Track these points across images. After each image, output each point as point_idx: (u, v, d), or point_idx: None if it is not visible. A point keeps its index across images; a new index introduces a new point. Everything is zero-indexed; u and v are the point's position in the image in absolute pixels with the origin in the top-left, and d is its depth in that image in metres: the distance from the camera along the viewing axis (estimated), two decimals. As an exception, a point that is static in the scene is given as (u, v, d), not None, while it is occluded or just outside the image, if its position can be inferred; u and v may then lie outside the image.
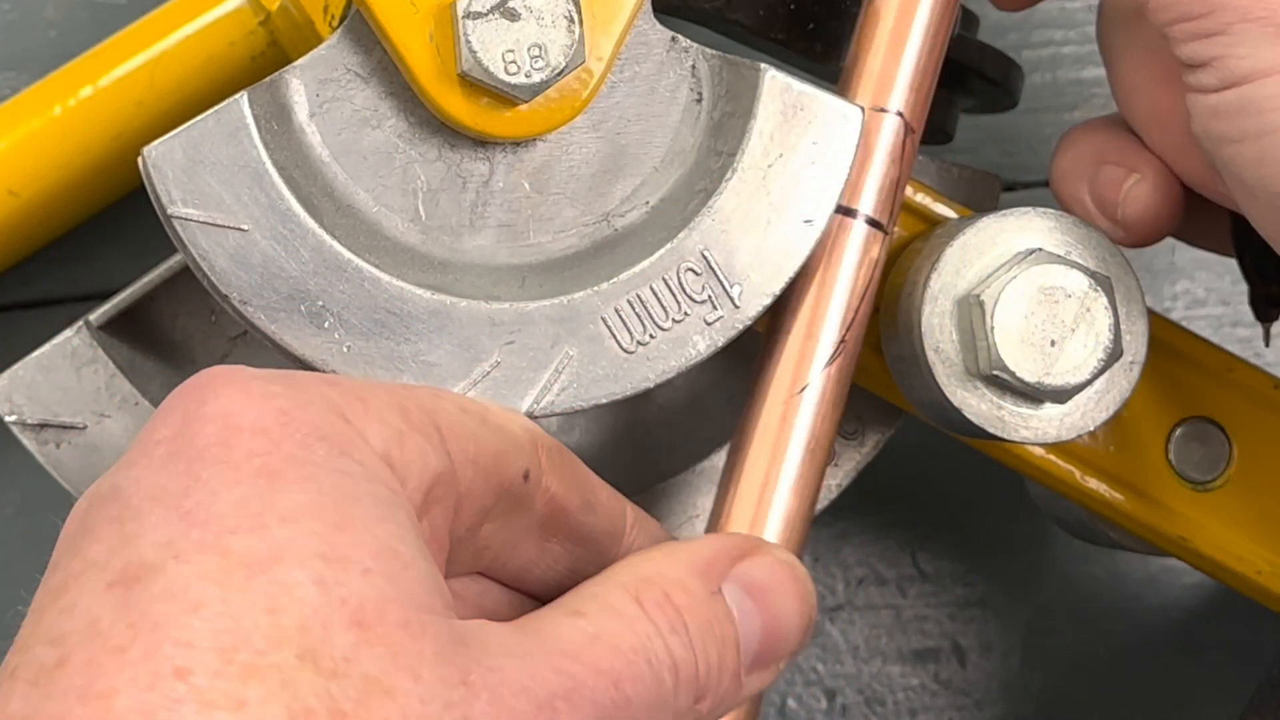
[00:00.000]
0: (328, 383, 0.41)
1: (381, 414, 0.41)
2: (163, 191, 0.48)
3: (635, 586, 0.43)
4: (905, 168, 0.52)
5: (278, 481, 0.38)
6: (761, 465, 0.50)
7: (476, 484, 0.43)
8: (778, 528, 0.50)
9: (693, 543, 0.46)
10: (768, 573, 0.46)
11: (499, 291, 0.50)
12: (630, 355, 0.49)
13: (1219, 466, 0.58)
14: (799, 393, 0.50)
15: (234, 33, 0.60)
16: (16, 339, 0.63)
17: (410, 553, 0.39)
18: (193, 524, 0.37)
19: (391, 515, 0.39)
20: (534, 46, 0.48)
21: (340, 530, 0.38)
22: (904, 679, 0.71)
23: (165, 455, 0.39)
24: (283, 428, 0.39)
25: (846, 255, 0.51)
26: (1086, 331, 0.51)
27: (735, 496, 0.50)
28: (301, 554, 0.37)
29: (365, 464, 0.40)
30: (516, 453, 0.44)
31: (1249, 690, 0.59)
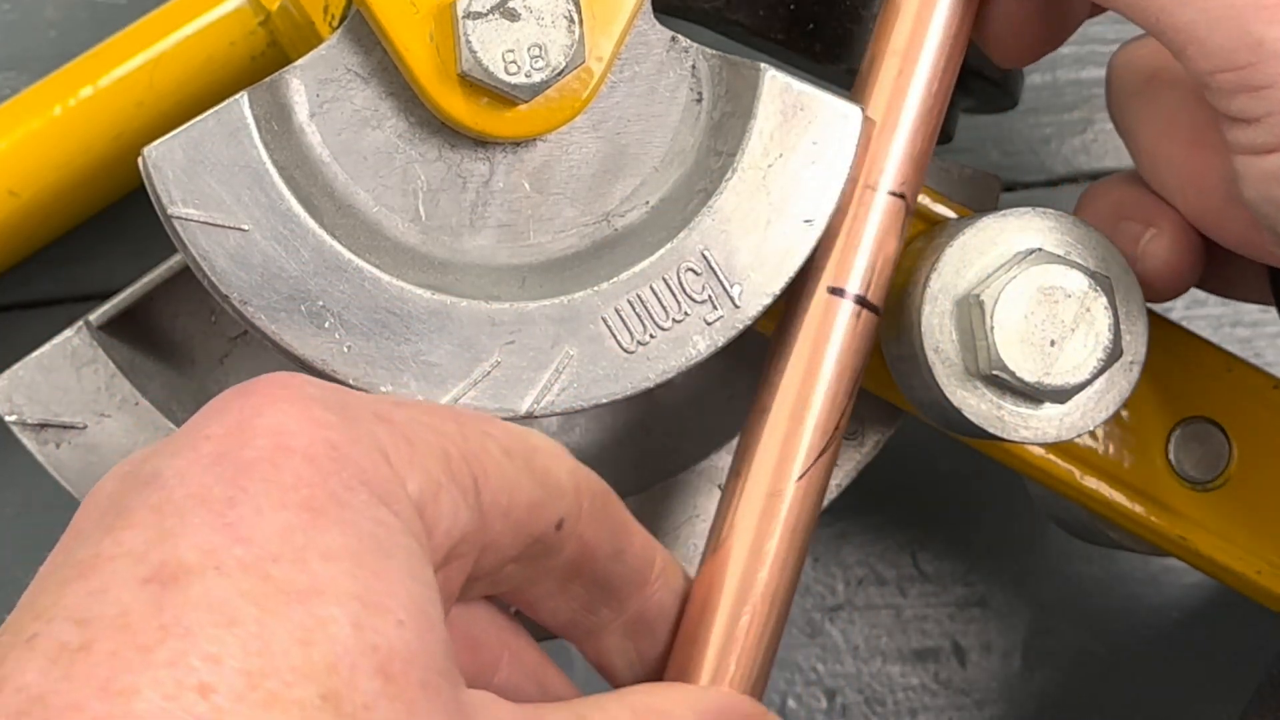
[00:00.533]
0: (379, 418, 0.41)
1: (424, 461, 0.41)
2: (163, 191, 0.48)
3: (644, 713, 0.44)
4: (900, 243, 0.52)
5: (320, 519, 0.38)
6: (738, 568, 0.50)
7: (505, 535, 0.43)
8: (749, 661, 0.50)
9: (706, 691, 0.47)
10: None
11: (499, 291, 0.50)
12: (630, 355, 0.49)
13: (1219, 466, 0.58)
14: (798, 480, 0.51)
15: (234, 33, 0.60)
16: (16, 339, 0.63)
17: (436, 615, 0.39)
18: (236, 539, 0.37)
19: (420, 572, 0.39)
20: (534, 46, 0.48)
21: (379, 577, 0.38)
22: (904, 679, 0.71)
23: (213, 455, 0.38)
24: (332, 462, 0.39)
25: (835, 340, 0.51)
26: (1086, 331, 0.51)
27: (718, 585, 0.50)
28: (340, 593, 0.37)
29: (401, 516, 0.39)
30: (554, 502, 0.44)
31: (1249, 690, 0.59)
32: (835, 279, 0.51)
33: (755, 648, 0.49)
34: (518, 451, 0.43)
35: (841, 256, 0.51)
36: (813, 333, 0.51)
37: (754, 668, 0.49)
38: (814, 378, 0.51)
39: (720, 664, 0.49)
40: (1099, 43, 0.72)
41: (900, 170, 0.52)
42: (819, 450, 0.51)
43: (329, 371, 0.48)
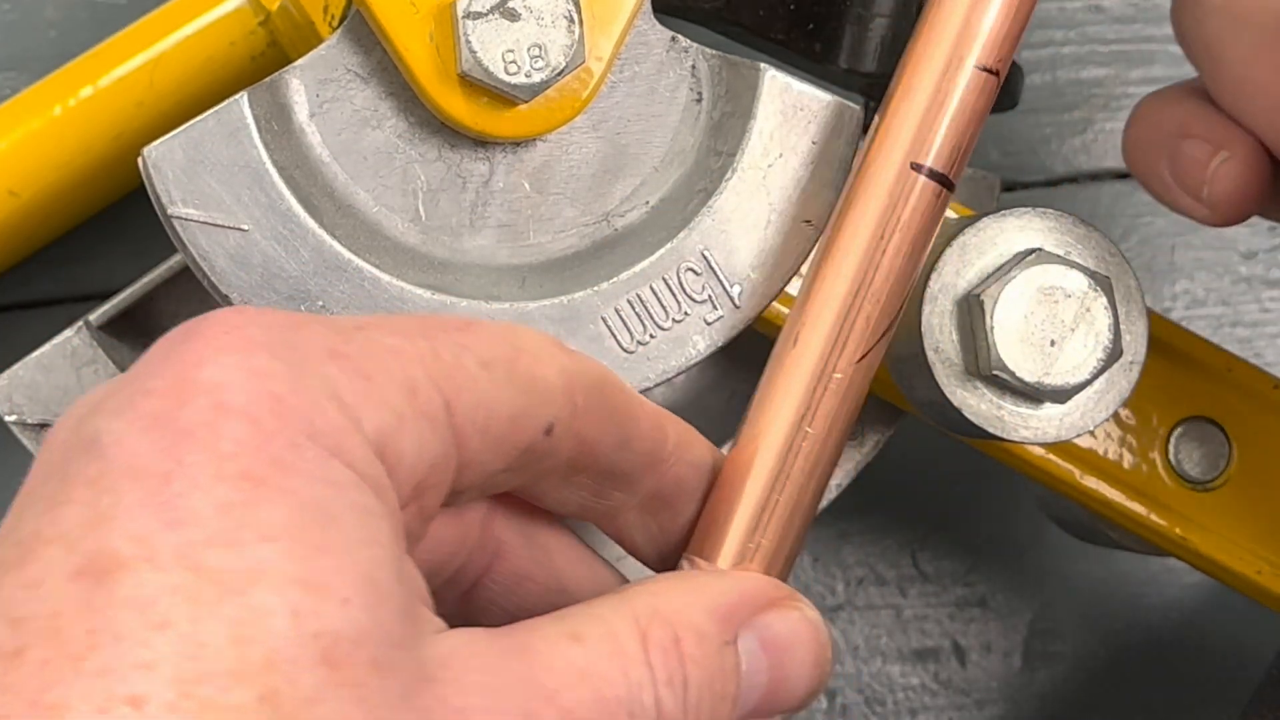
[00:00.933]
0: (332, 354, 0.38)
1: (384, 394, 0.39)
2: (163, 192, 0.48)
3: (647, 621, 0.41)
4: (981, 125, 0.49)
5: (261, 489, 0.36)
6: (777, 441, 0.47)
7: (485, 452, 0.41)
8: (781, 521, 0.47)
9: (721, 580, 0.44)
10: (789, 630, 0.43)
11: (499, 291, 0.50)
12: (630, 355, 0.49)
13: (1219, 466, 0.58)
14: (858, 361, 0.47)
15: (234, 33, 0.60)
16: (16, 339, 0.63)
17: (389, 580, 0.37)
18: (170, 521, 0.35)
19: (374, 534, 0.37)
20: (534, 46, 0.48)
21: (322, 553, 0.36)
22: (904, 679, 0.71)
23: (151, 417, 0.36)
24: (275, 419, 0.37)
25: (911, 218, 0.48)
26: (1086, 331, 0.51)
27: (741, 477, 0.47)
28: (278, 578, 0.35)
29: (355, 465, 0.37)
30: (540, 408, 0.42)
31: (1249, 690, 0.59)
32: (917, 154, 0.48)
33: (786, 527, 0.46)
34: (498, 359, 0.41)
35: (923, 130, 0.48)
36: (891, 207, 0.48)
37: (783, 548, 0.46)
38: (884, 251, 0.47)
39: (745, 544, 0.46)
40: (1099, 43, 0.72)
41: (991, 44, 0.49)
42: (882, 330, 0.47)
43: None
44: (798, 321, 0.47)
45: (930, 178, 0.48)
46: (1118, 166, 0.72)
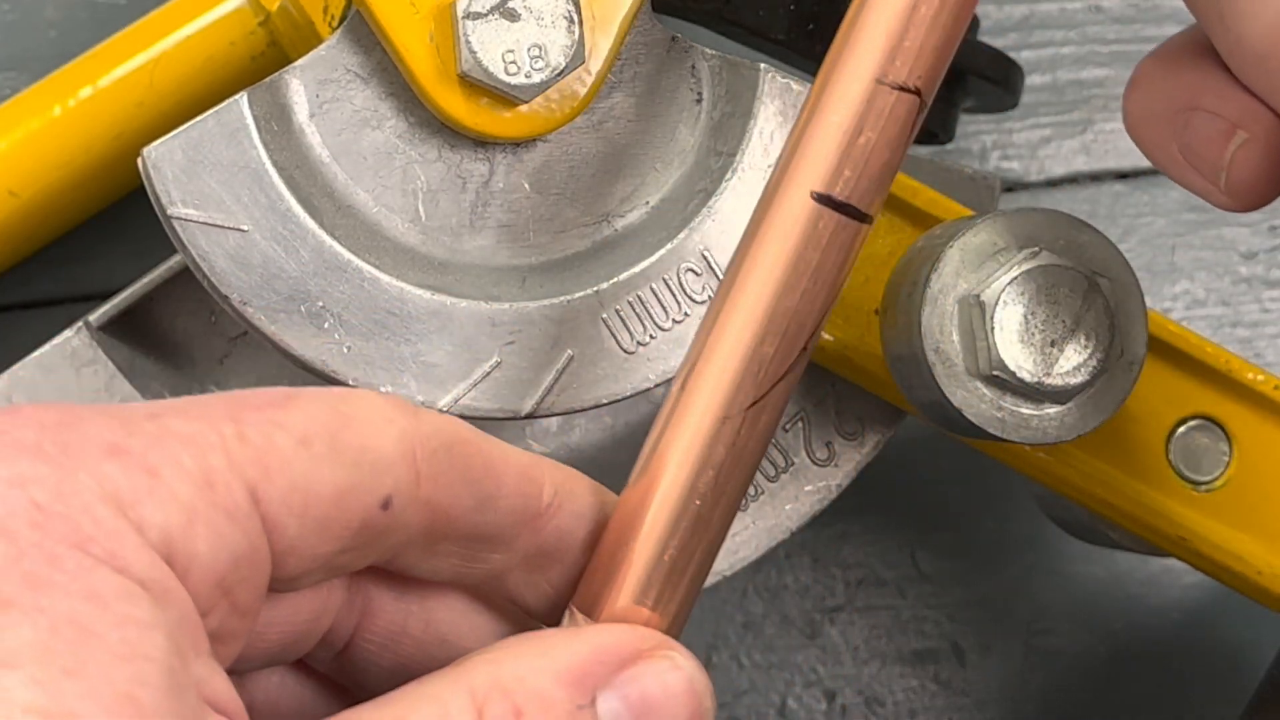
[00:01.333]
0: (112, 451, 0.36)
1: (172, 489, 0.36)
2: (162, 192, 0.48)
3: (485, 694, 0.37)
4: (904, 149, 0.43)
5: (8, 612, 0.33)
6: (677, 489, 0.42)
7: (307, 538, 0.38)
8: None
9: (574, 638, 0.40)
10: (658, 684, 0.39)
11: (499, 292, 0.50)
12: (631, 355, 0.49)
13: (1219, 466, 0.58)
14: (749, 408, 0.42)
15: (234, 33, 0.60)
16: (16, 339, 0.63)
17: (155, 696, 0.34)
18: None
19: (139, 649, 0.34)
20: (534, 47, 0.48)
21: (70, 676, 0.33)
22: (904, 679, 0.71)
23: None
24: (33, 529, 0.34)
25: (825, 249, 0.42)
26: (1086, 331, 0.51)
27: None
28: (16, 710, 0.32)
29: (129, 570, 0.34)
30: (373, 479, 0.38)
31: (1249, 691, 0.59)
32: (815, 181, 0.42)
33: (677, 584, 0.41)
34: (319, 434, 0.38)
35: (821, 153, 0.42)
36: (781, 237, 0.42)
37: (675, 606, 0.41)
38: (778, 286, 0.42)
39: (636, 594, 0.41)
40: (1099, 43, 0.72)
41: (915, 58, 0.42)
42: (778, 374, 0.42)
43: (329, 372, 0.48)
44: (692, 361, 0.43)
45: (839, 210, 0.42)
46: (1118, 166, 0.72)
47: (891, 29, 0.42)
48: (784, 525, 0.59)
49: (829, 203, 0.42)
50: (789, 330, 0.42)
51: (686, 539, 0.41)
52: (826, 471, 0.59)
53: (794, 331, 0.42)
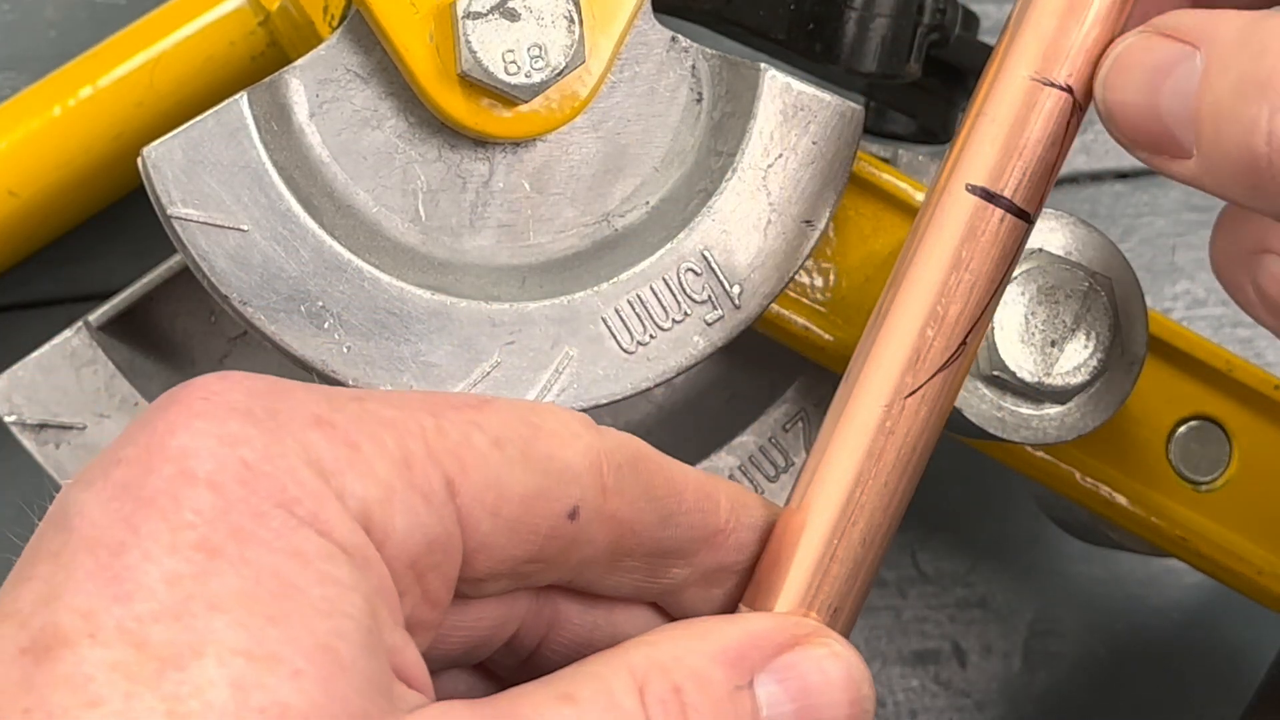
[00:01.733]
0: (317, 421, 0.37)
1: (373, 465, 0.37)
2: (162, 192, 0.48)
3: (644, 673, 0.38)
4: (1064, 151, 0.45)
5: (215, 559, 0.35)
6: (842, 483, 0.43)
7: (498, 535, 0.39)
8: (844, 569, 0.43)
9: (731, 621, 0.41)
10: (816, 669, 0.40)
11: (499, 292, 0.50)
12: (630, 355, 0.49)
13: (1219, 466, 0.58)
14: (905, 397, 0.44)
15: (234, 33, 0.60)
16: (16, 339, 0.63)
17: (352, 651, 0.35)
18: (117, 595, 0.34)
19: (339, 605, 0.36)
20: (534, 46, 0.48)
21: (274, 623, 0.35)
22: (904, 680, 0.71)
23: (118, 486, 0.36)
24: (241, 485, 0.36)
25: (986, 246, 0.44)
26: (1086, 331, 0.51)
27: (804, 514, 0.43)
28: (223, 650, 0.34)
29: (330, 533, 0.36)
30: (561, 488, 0.39)
31: (1249, 691, 0.59)
32: (972, 174, 0.44)
33: (839, 583, 0.43)
34: (512, 439, 0.39)
35: (979, 149, 0.44)
36: (938, 233, 0.44)
37: (836, 604, 0.43)
38: (931, 283, 0.44)
39: (803, 594, 0.42)
40: (1099, 43, 0.71)
41: (1077, 60, 0.44)
42: (935, 367, 0.44)
43: (329, 372, 0.48)
44: (851, 367, 0.45)
45: (1009, 210, 0.44)
46: (1118, 166, 0.72)
47: (1047, 29, 0.44)
48: (784, 525, 0.58)
49: (987, 196, 0.44)
50: (946, 319, 0.43)
51: (849, 538, 0.43)
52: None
53: (950, 321, 0.43)
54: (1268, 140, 0.39)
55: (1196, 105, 0.41)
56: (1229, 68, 0.41)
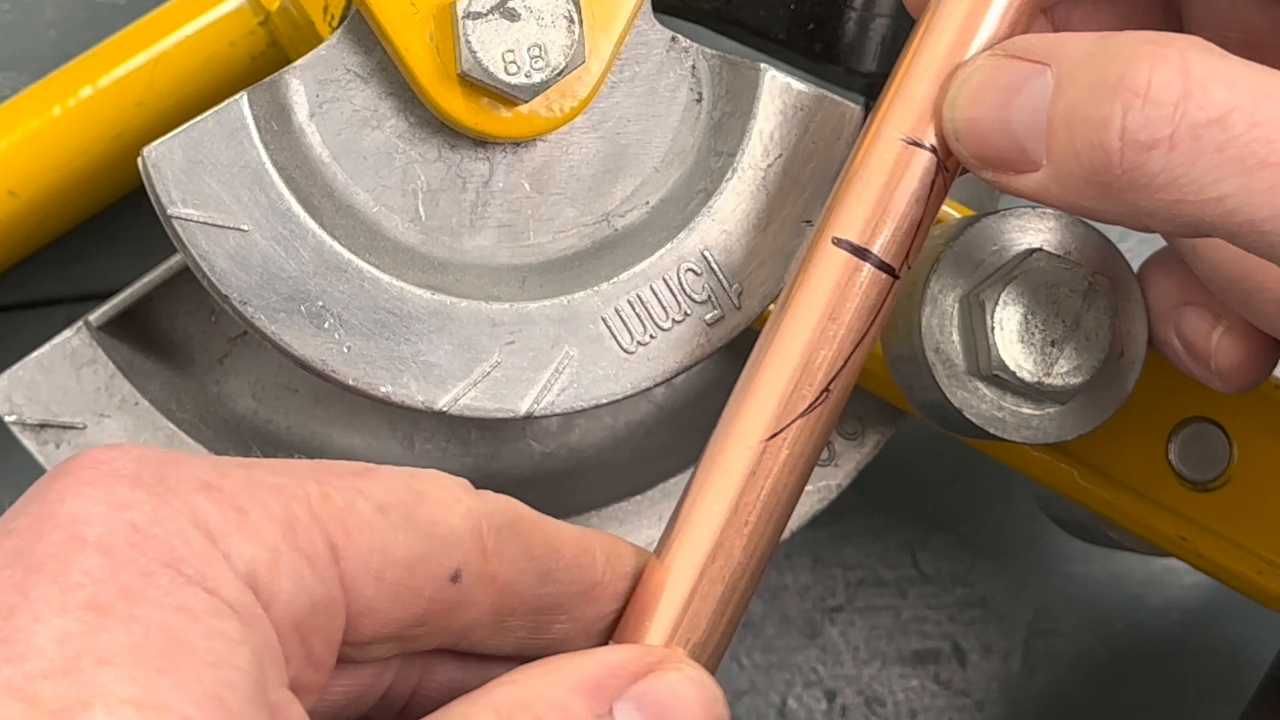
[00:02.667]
0: (205, 486, 0.38)
1: (259, 529, 0.38)
2: (162, 192, 0.48)
3: (508, 710, 0.40)
4: (931, 210, 0.46)
5: (104, 617, 0.36)
6: (705, 525, 0.45)
7: (382, 600, 0.40)
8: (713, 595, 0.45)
9: (587, 656, 0.42)
10: (670, 693, 0.42)
11: (499, 292, 0.50)
12: (631, 355, 0.49)
13: (1219, 466, 0.58)
14: (767, 440, 0.45)
15: (234, 33, 0.60)
16: (16, 339, 0.63)
17: (239, 701, 0.36)
18: (8, 656, 0.35)
19: (227, 658, 0.36)
20: (534, 46, 0.48)
21: (162, 674, 0.35)
22: (904, 680, 0.71)
23: (8, 555, 0.37)
24: (130, 548, 0.37)
25: (850, 298, 0.46)
26: (1086, 331, 0.51)
27: (673, 552, 0.45)
28: (112, 700, 0.35)
29: (218, 592, 0.37)
30: (444, 553, 0.41)
31: (1249, 690, 0.59)
32: (860, 237, 0.46)
33: (701, 613, 0.45)
34: (396, 505, 0.40)
35: (850, 206, 0.46)
36: (807, 285, 0.46)
37: (700, 633, 0.44)
38: (797, 333, 0.46)
39: (665, 632, 0.44)
40: (1099, 43, 0.72)
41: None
42: (796, 412, 0.45)
43: (328, 372, 0.48)
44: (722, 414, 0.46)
45: (876, 266, 0.46)
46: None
47: (918, 94, 0.46)
48: (784, 525, 0.59)
49: (856, 251, 0.46)
50: (810, 366, 0.45)
51: (709, 576, 0.45)
52: (826, 471, 0.59)
53: (814, 368, 0.45)
54: (1120, 135, 0.41)
55: (1049, 115, 0.43)
56: (1080, 77, 0.42)
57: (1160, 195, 0.42)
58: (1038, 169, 0.44)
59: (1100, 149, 0.42)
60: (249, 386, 0.59)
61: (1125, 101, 0.41)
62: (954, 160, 0.46)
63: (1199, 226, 0.42)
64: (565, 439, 0.60)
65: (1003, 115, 0.44)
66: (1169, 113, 0.41)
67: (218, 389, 0.59)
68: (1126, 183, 0.42)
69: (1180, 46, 0.42)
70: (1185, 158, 0.41)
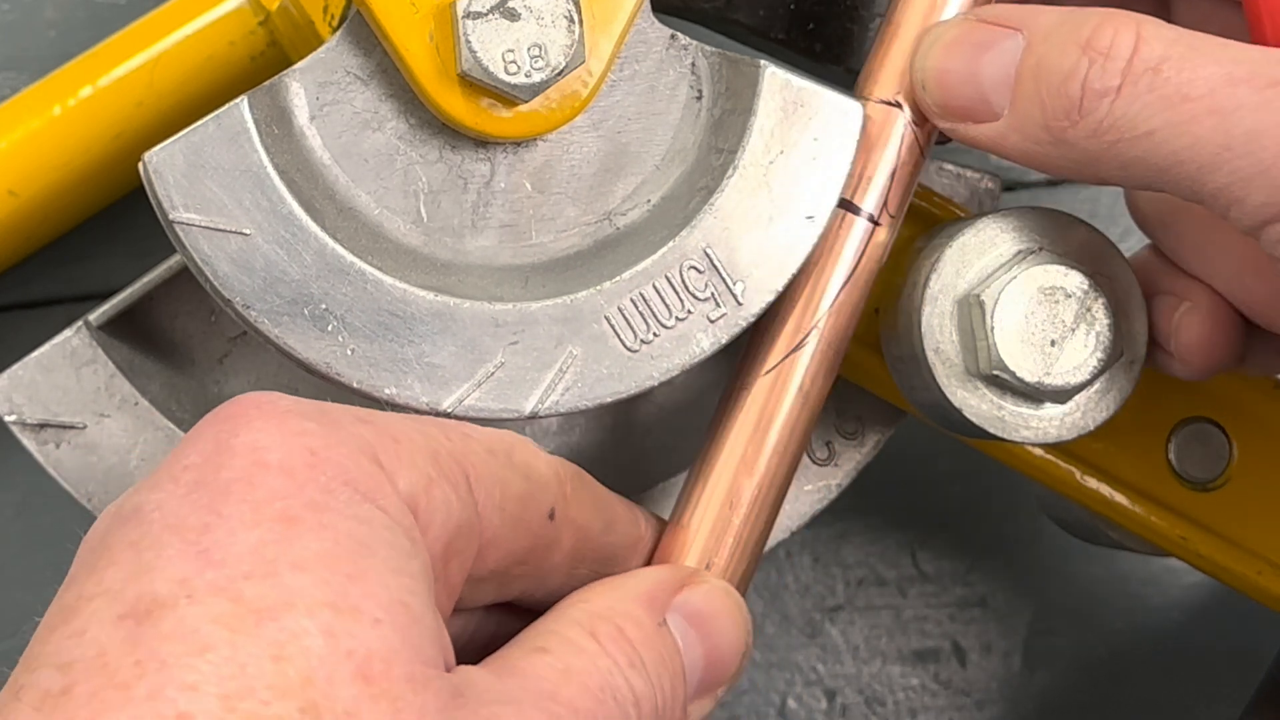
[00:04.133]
0: (362, 420, 0.42)
1: (413, 457, 0.41)
2: (164, 197, 0.48)
3: (589, 622, 0.44)
4: (910, 158, 0.52)
5: (295, 527, 0.39)
6: (728, 455, 0.51)
7: (503, 531, 0.44)
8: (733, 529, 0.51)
9: (635, 575, 0.47)
10: (707, 601, 0.47)
11: (502, 292, 0.50)
12: (634, 354, 0.49)
13: (1219, 466, 0.58)
14: (764, 373, 0.51)
15: (234, 33, 0.60)
16: (16, 339, 0.63)
17: (420, 606, 0.39)
18: (208, 563, 0.38)
19: (406, 566, 0.40)
20: (534, 46, 0.48)
21: (353, 580, 0.38)
22: (904, 679, 0.71)
23: (191, 483, 0.39)
24: (309, 469, 0.40)
25: (835, 245, 0.52)
26: (1086, 331, 0.51)
27: (699, 493, 0.51)
28: (312, 602, 0.38)
29: (388, 510, 0.40)
30: (541, 492, 0.45)
31: (1249, 690, 0.59)
32: (847, 191, 0.52)
33: (727, 548, 0.50)
34: (499, 449, 0.44)
35: (856, 170, 0.52)
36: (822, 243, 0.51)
37: (722, 560, 0.50)
38: (806, 280, 0.51)
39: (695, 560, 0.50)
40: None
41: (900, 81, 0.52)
42: (786, 350, 0.51)
43: (332, 375, 0.48)
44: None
45: (856, 214, 0.52)
46: (1116, 166, 0.72)
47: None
48: (784, 525, 0.59)
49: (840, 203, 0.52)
50: (801, 303, 0.51)
51: (729, 515, 0.50)
52: (826, 471, 0.59)
53: (804, 308, 0.51)
54: (1082, 84, 0.47)
55: (1019, 70, 0.49)
56: (1051, 37, 0.48)
57: (1105, 137, 0.47)
58: (997, 119, 0.50)
59: (1064, 96, 0.47)
60: (249, 386, 0.59)
61: (1091, 57, 0.47)
62: (924, 116, 0.52)
63: (1132, 166, 0.47)
64: (566, 439, 0.60)
65: (972, 68, 0.50)
66: (1121, 66, 0.47)
67: (218, 389, 0.59)
68: (1082, 129, 0.47)
69: (1139, 18, 0.48)
70: (1125, 101, 0.47)
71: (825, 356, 0.51)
